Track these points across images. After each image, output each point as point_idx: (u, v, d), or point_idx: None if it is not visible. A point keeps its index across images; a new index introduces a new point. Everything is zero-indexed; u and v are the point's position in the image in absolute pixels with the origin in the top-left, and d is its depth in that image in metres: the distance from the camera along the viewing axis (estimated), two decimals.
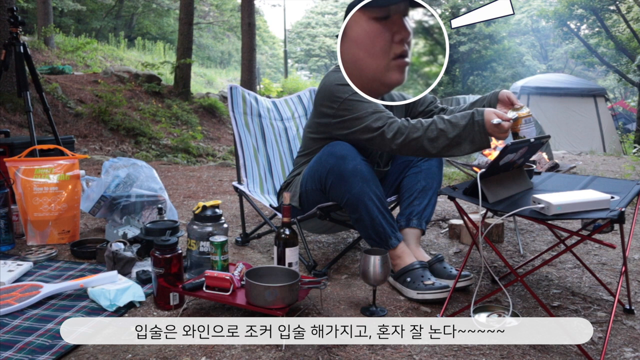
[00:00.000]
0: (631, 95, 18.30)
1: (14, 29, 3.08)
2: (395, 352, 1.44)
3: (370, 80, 1.52)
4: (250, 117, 2.43)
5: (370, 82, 1.53)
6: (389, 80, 1.50)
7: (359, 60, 1.42)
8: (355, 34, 1.34)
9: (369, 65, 1.41)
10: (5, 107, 6.24)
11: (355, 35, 1.35)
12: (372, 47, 1.38)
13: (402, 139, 1.61)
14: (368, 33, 1.34)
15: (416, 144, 1.60)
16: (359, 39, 1.35)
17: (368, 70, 1.47)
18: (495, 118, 1.54)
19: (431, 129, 1.58)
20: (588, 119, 9.68)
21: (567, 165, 2.84)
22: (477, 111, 1.56)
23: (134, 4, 19.49)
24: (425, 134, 1.59)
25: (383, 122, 1.64)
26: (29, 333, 1.49)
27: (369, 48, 1.37)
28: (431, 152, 1.63)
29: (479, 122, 1.54)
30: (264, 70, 28.02)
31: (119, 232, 2.30)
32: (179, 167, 5.45)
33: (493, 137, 1.59)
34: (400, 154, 1.72)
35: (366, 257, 1.64)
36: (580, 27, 14.13)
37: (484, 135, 1.57)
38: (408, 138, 1.61)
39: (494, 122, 1.52)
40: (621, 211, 1.32)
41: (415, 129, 1.60)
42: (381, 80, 1.51)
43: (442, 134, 1.58)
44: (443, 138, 1.57)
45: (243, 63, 10.31)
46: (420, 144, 1.60)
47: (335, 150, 1.83)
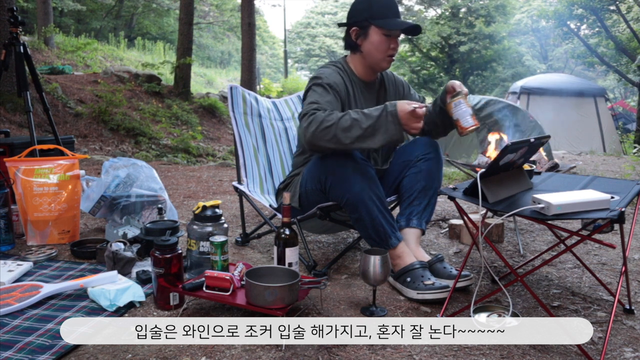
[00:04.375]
0: (631, 95, 18.29)
1: (14, 29, 3.08)
2: (395, 352, 1.44)
3: (372, 64, 2.06)
4: (250, 117, 2.43)
5: (372, 65, 2.06)
6: (382, 66, 2.06)
7: (370, 52, 2.03)
8: (373, 39, 2.00)
9: (374, 56, 2.03)
10: (5, 107, 6.25)
11: (372, 39, 2.00)
12: (378, 48, 2.01)
13: (315, 127, 1.76)
14: (379, 41, 1.99)
15: (328, 133, 1.74)
16: (375, 42, 2.00)
17: (373, 59, 2.04)
18: (409, 106, 1.71)
19: (345, 118, 1.74)
20: (588, 119, 9.67)
21: (567, 165, 2.84)
22: (390, 102, 1.76)
23: (134, 4, 19.49)
24: (339, 123, 1.73)
25: (306, 111, 1.83)
26: (29, 333, 1.49)
27: (377, 48, 2.01)
28: (344, 142, 1.74)
29: (392, 113, 1.73)
30: (264, 70, 28.02)
31: (119, 232, 2.30)
32: (179, 167, 5.45)
33: (408, 128, 1.73)
34: (317, 145, 1.80)
35: (366, 257, 1.64)
36: (580, 27, 14.12)
37: (397, 125, 1.73)
38: (321, 126, 1.75)
39: (410, 108, 1.71)
40: (621, 211, 1.32)
41: (329, 118, 1.75)
42: (378, 65, 2.05)
43: (355, 123, 1.73)
44: (356, 128, 1.73)
45: (243, 63, 10.31)
46: (334, 133, 1.74)
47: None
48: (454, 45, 18.23)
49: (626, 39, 12.67)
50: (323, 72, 2.02)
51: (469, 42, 17.77)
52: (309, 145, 1.82)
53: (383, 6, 1.97)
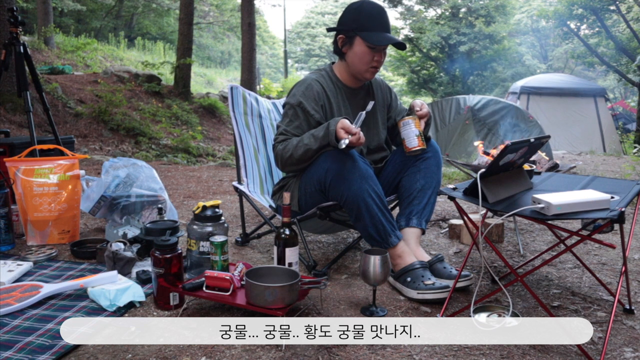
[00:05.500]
0: (631, 95, 18.29)
1: (14, 29, 3.08)
2: (395, 352, 1.44)
3: (355, 73, 2.09)
4: (250, 118, 2.43)
5: (355, 74, 2.10)
6: (365, 77, 2.09)
7: (354, 62, 2.06)
8: (357, 49, 2.03)
9: (357, 67, 2.06)
10: (5, 107, 6.24)
11: (356, 50, 2.03)
12: (362, 59, 2.04)
13: (280, 159, 2.01)
14: (362, 52, 2.02)
15: (290, 160, 1.97)
16: (358, 53, 2.03)
17: (356, 69, 2.08)
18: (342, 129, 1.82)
19: (298, 147, 1.94)
20: (588, 119, 9.68)
21: (567, 165, 2.84)
22: (333, 120, 1.87)
23: (134, 4, 19.49)
24: (295, 152, 1.94)
25: (274, 140, 2.05)
26: (29, 333, 1.49)
27: (361, 59, 2.04)
28: (306, 161, 1.96)
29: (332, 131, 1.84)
30: (264, 70, 28.02)
31: (119, 232, 2.30)
32: (179, 167, 5.46)
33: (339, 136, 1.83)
34: (289, 170, 2.06)
35: (366, 257, 1.64)
36: (580, 27, 14.12)
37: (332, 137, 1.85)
38: (284, 158, 1.98)
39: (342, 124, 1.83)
40: (621, 211, 1.32)
41: (286, 149, 1.97)
42: (362, 75, 2.08)
43: (307, 147, 1.91)
44: (309, 149, 1.91)
45: (243, 63, 10.31)
46: (294, 160, 1.96)
47: (334, 150, 1.86)
48: (454, 45, 18.21)
49: (626, 39, 12.67)
50: (299, 87, 2.09)
51: (469, 42, 17.76)
52: (284, 171, 2.12)
53: (371, 19, 1.98)
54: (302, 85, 2.08)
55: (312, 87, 2.06)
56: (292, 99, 2.06)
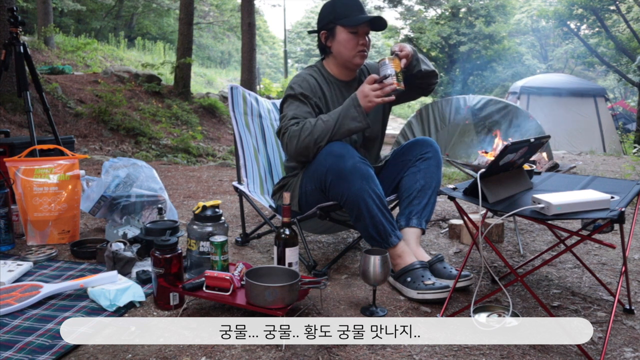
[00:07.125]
0: (631, 95, 18.29)
1: (14, 29, 3.08)
2: (395, 352, 1.44)
3: (345, 62, 2.11)
4: (250, 118, 2.43)
5: (345, 63, 2.11)
6: (355, 63, 2.10)
7: (340, 51, 2.09)
8: (340, 38, 2.07)
9: (344, 54, 2.09)
10: (5, 107, 6.24)
11: (339, 39, 2.07)
12: (346, 45, 2.06)
13: (295, 142, 1.92)
14: (346, 39, 2.06)
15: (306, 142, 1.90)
16: (342, 41, 2.07)
17: (343, 57, 2.10)
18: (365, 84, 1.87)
19: (317, 124, 1.90)
20: (588, 119, 9.67)
21: (567, 165, 2.84)
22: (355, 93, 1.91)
23: (134, 4, 19.49)
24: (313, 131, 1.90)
25: (281, 127, 2.00)
26: (29, 333, 1.49)
27: (345, 46, 2.07)
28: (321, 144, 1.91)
29: (352, 97, 1.90)
30: (264, 70, 28.02)
31: (119, 232, 2.30)
32: (179, 167, 5.45)
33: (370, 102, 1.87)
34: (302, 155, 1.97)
35: (366, 257, 1.64)
36: (580, 27, 14.12)
37: (358, 107, 1.88)
38: (300, 140, 1.91)
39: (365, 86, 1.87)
40: (621, 211, 1.32)
41: (303, 130, 1.91)
42: (351, 62, 2.10)
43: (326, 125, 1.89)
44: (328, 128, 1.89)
45: (243, 63, 10.31)
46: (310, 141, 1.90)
47: (333, 150, 1.86)
48: (454, 45, 18.21)
49: (626, 39, 12.68)
50: (296, 80, 2.10)
51: (469, 42, 17.76)
52: (294, 158, 2.02)
53: (346, 6, 2.06)
54: (298, 78, 2.11)
55: (307, 80, 2.09)
56: (292, 91, 2.06)
